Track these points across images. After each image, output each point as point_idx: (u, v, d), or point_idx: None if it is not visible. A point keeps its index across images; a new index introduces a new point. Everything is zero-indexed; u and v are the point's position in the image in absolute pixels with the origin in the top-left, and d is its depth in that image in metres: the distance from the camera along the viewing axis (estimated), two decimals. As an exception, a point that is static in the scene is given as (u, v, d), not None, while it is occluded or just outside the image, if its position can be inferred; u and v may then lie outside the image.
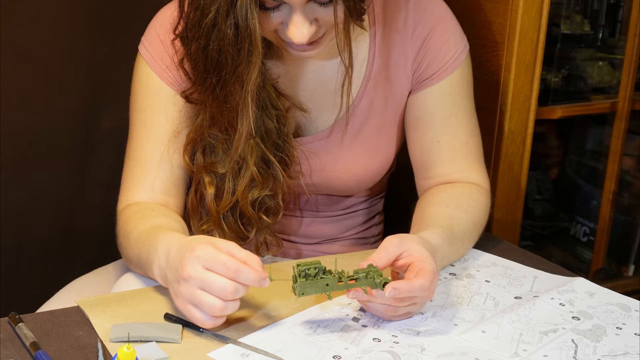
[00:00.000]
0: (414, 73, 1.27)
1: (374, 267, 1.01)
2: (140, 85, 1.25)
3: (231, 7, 1.03)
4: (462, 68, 1.28)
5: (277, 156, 1.21)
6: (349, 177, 1.30)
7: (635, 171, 1.97)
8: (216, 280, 0.96)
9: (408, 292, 1.00)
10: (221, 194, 1.21)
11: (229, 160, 1.18)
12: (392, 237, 1.06)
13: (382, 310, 1.04)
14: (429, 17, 1.25)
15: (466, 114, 1.30)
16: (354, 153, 1.28)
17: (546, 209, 2.05)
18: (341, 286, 1.00)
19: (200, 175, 1.21)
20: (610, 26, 1.80)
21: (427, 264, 1.02)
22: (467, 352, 0.99)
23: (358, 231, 1.42)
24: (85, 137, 1.53)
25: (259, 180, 1.19)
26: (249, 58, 1.06)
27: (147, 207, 1.21)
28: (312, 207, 1.35)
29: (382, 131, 1.29)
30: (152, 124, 1.23)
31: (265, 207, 1.23)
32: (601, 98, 1.74)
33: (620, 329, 1.06)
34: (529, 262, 1.25)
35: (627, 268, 1.98)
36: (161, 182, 1.23)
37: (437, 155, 1.29)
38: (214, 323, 0.99)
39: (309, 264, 0.99)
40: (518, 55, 1.47)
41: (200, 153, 1.21)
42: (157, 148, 1.23)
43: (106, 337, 0.98)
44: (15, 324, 0.99)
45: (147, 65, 1.23)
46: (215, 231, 1.23)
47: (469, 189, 1.27)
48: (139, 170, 1.24)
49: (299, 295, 0.98)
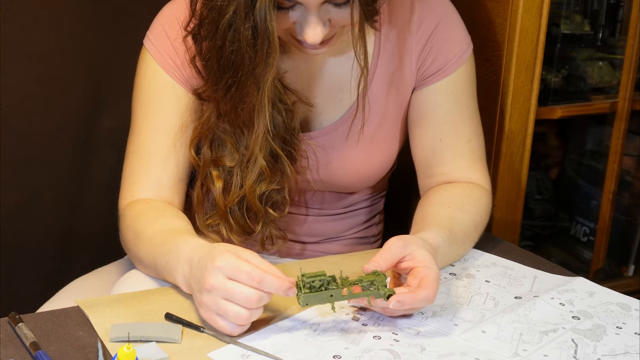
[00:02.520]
0: (418, 70, 1.27)
1: (378, 273, 1.01)
2: (145, 79, 1.24)
3: (250, 8, 1.02)
4: (466, 66, 1.28)
5: (285, 150, 1.21)
6: (353, 173, 1.30)
7: (635, 171, 1.97)
8: (240, 290, 0.96)
9: (412, 304, 1.00)
10: (229, 187, 1.20)
11: (240, 155, 1.18)
12: (395, 239, 1.06)
13: (381, 311, 1.05)
14: (434, 15, 1.25)
15: (469, 112, 1.30)
16: (358, 149, 1.28)
17: (546, 209, 2.05)
18: (345, 296, 1.00)
19: (207, 169, 1.21)
20: (610, 26, 1.80)
21: (431, 270, 1.02)
22: (467, 352, 0.99)
23: (359, 230, 1.42)
24: (85, 137, 1.52)
25: (267, 174, 1.19)
26: (267, 60, 1.06)
27: (158, 206, 1.20)
28: (317, 204, 1.35)
29: (386, 127, 1.29)
30: (157, 117, 1.23)
31: (272, 201, 1.23)
32: (601, 98, 1.75)
33: (621, 328, 1.06)
34: (529, 262, 1.25)
35: (627, 268, 1.98)
36: (168, 178, 1.23)
37: (440, 153, 1.29)
38: (241, 330, 0.99)
39: (314, 275, 0.99)
40: (518, 55, 1.47)
41: (208, 147, 1.20)
42: (163, 142, 1.22)
43: (106, 337, 0.98)
44: (15, 324, 0.99)
45: (153, 59, 1.22)
46: (221, 225, 1.22)
47: (470, 189, 1.27)
48: (143, 165, 1.23)
49: (303, 305, 0.99)
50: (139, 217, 1.17)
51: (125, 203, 1.23)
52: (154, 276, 1.15)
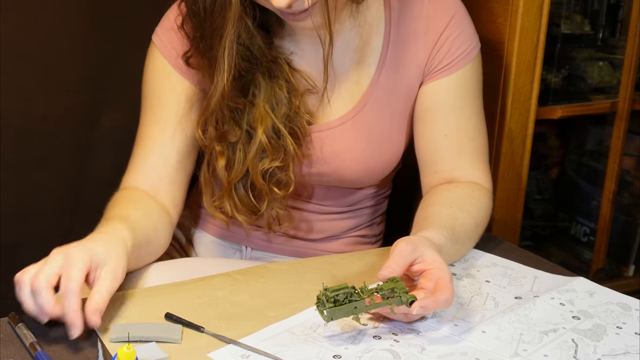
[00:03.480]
0: (427, 64, 1.27)
1: (396, 280, 1.01)
2: (151, 71, 1.27)
3: None
4: (473, 64, 1.29)
5: (288, 127, 1.22)
6: (360, 166, 1.30)
7: (635, 171, 1.97)
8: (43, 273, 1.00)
9: (434, 308, 1.00)
10: (232, 163, 1.22)
11: (242, 131, 1.20)
12: (404, 243, 1.05)
13: (402, 317, 1.04)
14: (444, 11, 1.26)
15: (474, 111, 1.30)
16: (365, 143, 1.28)
17: (546, 209, 2.05)
18: (369, 307, 1.00)
19: (212, 147, 1.23)
20: (610, 26, 1.80)
21: (444, 272, 1.03)
22: (467, 352, 0.99)
23: (361, 229, 1.42)
24: (85, 137, 1.53)
25: (269, 149, 1.20)
26: (223, 13, 1.10)
27: (119, 199, 1.22)
28: (321, 199, 1.35)
29: (394, 122, 1.29)
30: (159, 107, 1.26)
31: (276, 178, 1.24)
32: (601, 98, 1.75)
33: (621, 328, 1.06)
34: (529, 262, 1.25)
35: (627, 268, 1.98)
36: (160, 168, 1.25)
37: (443, 148, 1.29)
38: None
39: (337, 288, 0.98)
40: (518, 55, 1.47)
41: (213, 126, 1.22)
42: (159, 131, 1.25)
43: (106, 337, 0.98)
44: (15, 324, 0.99)
45: (159, 52, 1.25)
46: (226, 202, 1.25)
47: (472, 189, 1.27)
48: (140, 153, 1.26)
49: (328, 320, 0.98)
50: (110, 204, 1.21)
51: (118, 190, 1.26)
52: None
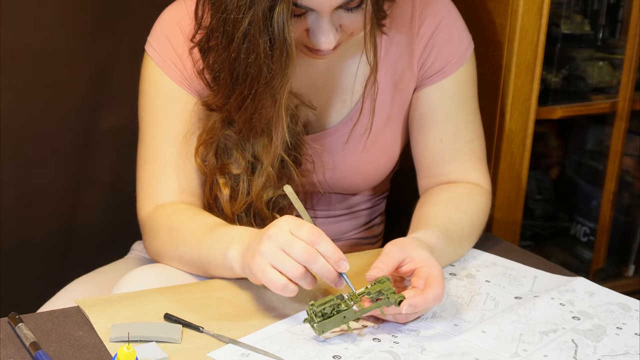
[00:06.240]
0: (420, 70, 1.27)
1: (383, 280, 1.01)
2: (150, 87, 1.23)
3: (268, 19, 1.00)
4: (467, 66, 1.28)
5: (291, 155, 1.21)
6: (356, 174, 1.30)
7: (635, 171, 1.97)
8: (301, 244, 0.96)
9: (424, 305, 1.00)
10: (236, 194, 1.20)
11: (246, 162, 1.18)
12: (391, 244, 1.06)
13: (394, 318, 1.04)
14: (435, 14, 1.26)
15: (470, 113, 1.30)
16: (361, 150, 1.28)
17: (546, 209, 2.05)
18: (358, 314, 1.00)
19: (214, 176, 1.20)
20: (610, 26, 1.79)
21: (434, 268, 1.02)
22: (467, 352, 0.99)
23: (360, 231, 1.42)
24: (85, 137, 1.53)
25: (274, 180, 1.19)
26: (284, 71, 1.05)
27: (190, 207, 1.19)
28: (324, 206, 1.35)
29: (388, 128, 1.29)
30: (167, 125, 1.22)
31: (279, 206, 1.22)
32: (601, 98, 1.74)
33: (621, 328, 1.06)
34: (529, 262, 1.25)
35: (627, 268, 1.98)
36: (187, 184, 1.22)
37: (440, 153, 1.29)
38: (290, 292, 0.98)
39: (323, 302, 0.98)
40: (518, 55, 1.47)
41: (213, 154, 1.19)
42: (176, 149, 1.21)
43: (106, 337, 0.98)
44: (15, 324, 0.99)
45: (156, 65, 1.22)
46: None
47: (469, 189, 1.27)
48: (161, 173, 1.21)
49: (319, 334, 0.98)
50: (173, 216, 1.17)
51: (147, 211, 1.22)
52: (194, 272, 1.15)
